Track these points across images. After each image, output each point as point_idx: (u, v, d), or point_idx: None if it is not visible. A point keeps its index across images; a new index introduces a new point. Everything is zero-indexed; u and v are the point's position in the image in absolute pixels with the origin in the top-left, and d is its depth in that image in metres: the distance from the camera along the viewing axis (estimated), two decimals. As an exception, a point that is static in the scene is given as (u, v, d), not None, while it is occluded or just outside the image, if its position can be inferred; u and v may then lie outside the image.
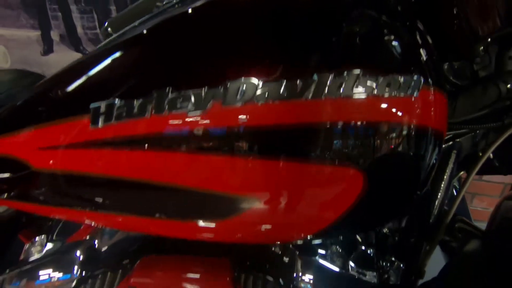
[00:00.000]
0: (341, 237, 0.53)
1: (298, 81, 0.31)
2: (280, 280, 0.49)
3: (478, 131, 0.68)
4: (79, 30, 2.86)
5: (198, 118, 0.33)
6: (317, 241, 0.55)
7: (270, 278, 0.47)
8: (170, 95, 0.33)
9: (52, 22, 2.85)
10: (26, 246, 0.53)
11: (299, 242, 0.44)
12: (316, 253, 0.54)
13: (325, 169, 0.34)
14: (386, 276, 0.59)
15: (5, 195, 0.44)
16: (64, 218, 0.49)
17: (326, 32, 0.33)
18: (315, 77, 0.31)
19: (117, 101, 0.34)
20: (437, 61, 0.40)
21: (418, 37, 0.37)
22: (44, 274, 0.50)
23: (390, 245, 0.65)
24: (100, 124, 0.35)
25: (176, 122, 0.34)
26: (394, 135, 0.34)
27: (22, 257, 0.52)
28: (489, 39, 0.53)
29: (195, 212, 0.38)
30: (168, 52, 0.35)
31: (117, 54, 0.37)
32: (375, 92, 0.32)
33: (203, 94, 0.32)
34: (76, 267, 0.51)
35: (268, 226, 0.39)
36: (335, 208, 0.37)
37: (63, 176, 0.39)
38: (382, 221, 0.47)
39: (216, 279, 0.45)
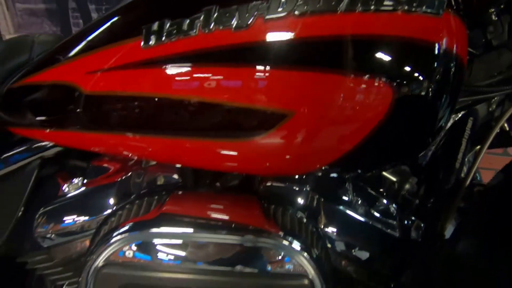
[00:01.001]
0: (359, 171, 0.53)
1: None
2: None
3: (493, 100, 0.70)
4: (100, 36, 2.98)
5: (242, 33, 0.37)
6: (341, 190, 0.56)
7: (299, 214, 0.49)
8: (216, 12, 0.37)
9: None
10: (63, 187, 0.56)
11: (319, 173, 0.46)
12: (340, 201, 0.55)
13: (355, 81, 0.37)
14: (407, 232, 0.60)
15: (54, 126, 0.48)
16: (103, 150, 0.52)
17: None
18: None
19: (167, 20, 0.38)
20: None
21: None
22: (75, 215, 0.53)
23: (410, 206, 0.66)
24: (152, 42, 0.38)
25: (221, 38, 0.37)
26: (420, 51, 0.37)
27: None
28: (502, 5, 0.56)
29: (230, 129, 0.41)
30: None
31: None
32: (404, 8, 0.35)
33: (247, 9, 0.36)
34: (108, 207, 0.53)
35: (290, 150, 0.42)
36: (358, 130, 0.40)
37: (112, 97, 0.42)
38: (394, 158, 0.48)
39: (246, 210, 0.47)
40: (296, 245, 0.44)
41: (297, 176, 0.53)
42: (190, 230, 0.44)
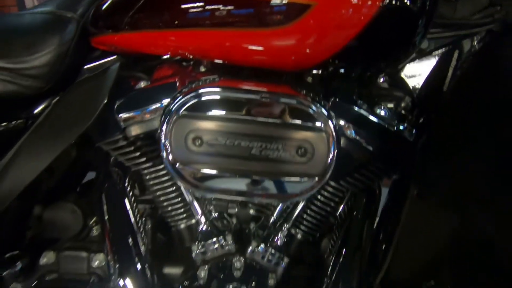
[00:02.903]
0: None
1: None
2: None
3: (475, 37, 0.85)
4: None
5: None
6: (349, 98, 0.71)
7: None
8: None
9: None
10: (135, 85, 0.73)
11: (330, 68, 0.61)
12: (351, 101, 0.70)
13: None
14: (402, 133, 0.75)
15: (130, 29, 0.66)
16: (164, 49, 0.69)
17: None
18: None
19: None
20: None
21: None
22: (145, 102, 0.69)
23: (405, 120, 0.81)
24: None
25: None
26: None
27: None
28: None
29: (266, 19, 0.58)
30: None
31: None
32: None
33: None
34: (169, 96, 0.69)
35: (310, 39, 0.58)
36: (360, 19, 0.56)
37: None
38: (383, 57, 0.65)
39: (281, 86, 0.65)
40: (321, 107, 0.62)
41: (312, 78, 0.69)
42: (241, 91, 0.62)
